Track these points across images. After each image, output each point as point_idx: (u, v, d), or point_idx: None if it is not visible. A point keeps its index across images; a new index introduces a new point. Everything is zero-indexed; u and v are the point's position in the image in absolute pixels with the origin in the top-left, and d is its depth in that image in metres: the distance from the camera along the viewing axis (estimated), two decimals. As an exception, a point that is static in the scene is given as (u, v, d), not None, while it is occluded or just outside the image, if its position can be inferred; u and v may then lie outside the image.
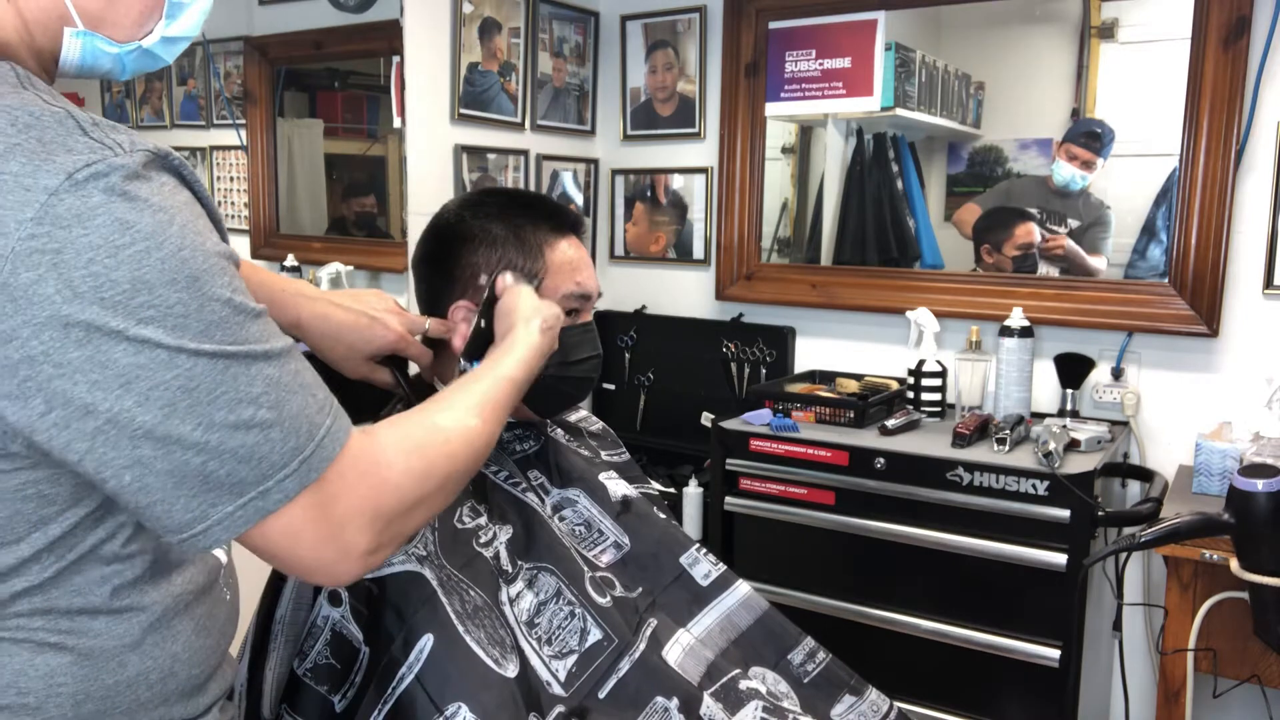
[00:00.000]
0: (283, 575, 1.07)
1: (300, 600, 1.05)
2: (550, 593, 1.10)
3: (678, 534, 1.30)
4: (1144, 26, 2.41)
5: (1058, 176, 2.47)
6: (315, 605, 1.04)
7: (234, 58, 2.42)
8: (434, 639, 0.99)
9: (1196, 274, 2.22)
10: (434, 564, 1.03)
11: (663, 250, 2.98)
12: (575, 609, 1.10)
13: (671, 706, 1.07)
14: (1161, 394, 2.34)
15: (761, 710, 1.14)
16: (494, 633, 1.03)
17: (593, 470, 1.29)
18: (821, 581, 2.22)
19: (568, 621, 1.09)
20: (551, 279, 1.20)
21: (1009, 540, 1.99)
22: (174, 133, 2.44)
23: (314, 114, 2.65)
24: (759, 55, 2.74)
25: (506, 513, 1.14)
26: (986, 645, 2.03)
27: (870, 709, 1.26)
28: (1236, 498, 1.51)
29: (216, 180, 2.47)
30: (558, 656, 1.07)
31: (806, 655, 1.28)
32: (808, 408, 2.35)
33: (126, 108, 2.41)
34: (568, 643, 1.08)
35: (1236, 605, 1.75)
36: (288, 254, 2.51)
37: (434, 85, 2.50)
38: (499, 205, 1.23)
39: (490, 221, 1.20)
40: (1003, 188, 2.61)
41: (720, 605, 1.26)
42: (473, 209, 1.23)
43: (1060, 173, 2.46)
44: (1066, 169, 2.45)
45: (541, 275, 1.19)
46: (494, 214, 1.21)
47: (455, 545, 1.07)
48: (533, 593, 1.09)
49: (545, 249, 1.20)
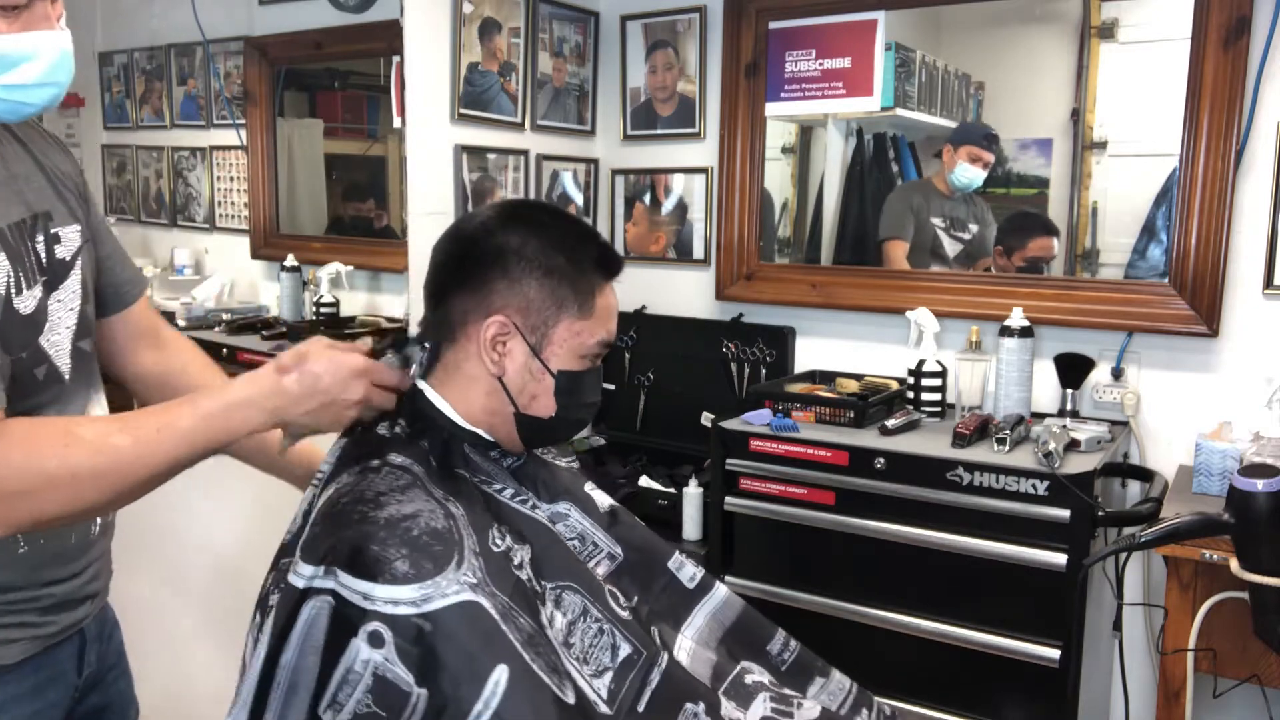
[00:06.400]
0: (291, 620, 0.98)
1: (309, 645, 0.96)
2: (577, 611, 1.09)
3: (658, 539, 1.30)
4: (1144, 26, 2.41)
5: (958, 179, 2.47)
6: (346, 650, 0.94)
7: (234, 58, 2.42)
8: (508, 671, 0.94)
9: (1196, 274, 2.22)
10: (487, 591, 0.99)
11: (663, 250, 2.98)
12: (603, 625, 1.08)
13: (699, 711, 1.08)
14: (1161, 394, 2.34)
15: (769, 700, 1.16)
16: (549, 659, 1.00)
17: (576, 482, 1.27)
18: (821, 581, 2.22)
19: (598, 639, 1.07)
20: (591, 324, 1.15)
21: (1009, 540, 1.99)
22: (174, 133, 2.45)
23: (314, 114, 2.65)
24: (759, 55, 2.74)
25: (523, 532, 1.12)
26: (986, 645, 2.03)
27: (836, 688, 1.29)
28: (1236, 498, 1.51)
29: (217, 180, 2.47)
30: (596, 675, 1.05)
31: (782, 645, 1.29)
32: (808, 408, 2.35)
33: (126, 108, 2.41)
34: (601, 660, 1.07)
35: (1236, 605, 1.75)
36: (288, 254, 2.51)
37: (434, 85, 2.50)
38: (561, 232, 1.16)
39: (554, 252, 1.13)
40: (901, 193, 2.62)
41: (707, 605, 1.25)
42: (537, 231, 1.15)
43: (962, 175, 2.46)
44: (970, 170, 2.45)
45: (588, 317, 1.15)
46: (556, 241, 1.14)
47: (499, 571, 1.03)
48: (561, 613, 1.07)
49: (596, 293, 1.16)
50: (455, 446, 1.14)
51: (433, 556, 0.97)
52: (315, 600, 0.96)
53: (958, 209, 2.51)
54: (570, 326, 1.14)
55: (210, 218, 2.48)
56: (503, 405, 1.15)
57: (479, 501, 1.09)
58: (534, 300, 1.12)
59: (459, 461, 1.13)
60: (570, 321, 1.14)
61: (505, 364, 1.13)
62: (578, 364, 1.16)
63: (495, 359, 1.13)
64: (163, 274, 2.49)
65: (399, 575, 0.94)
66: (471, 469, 1.13)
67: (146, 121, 2.42)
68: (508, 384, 1.14)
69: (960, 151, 2.45)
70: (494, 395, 1.14)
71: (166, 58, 2.41)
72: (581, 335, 1.15)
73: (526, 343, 1.13)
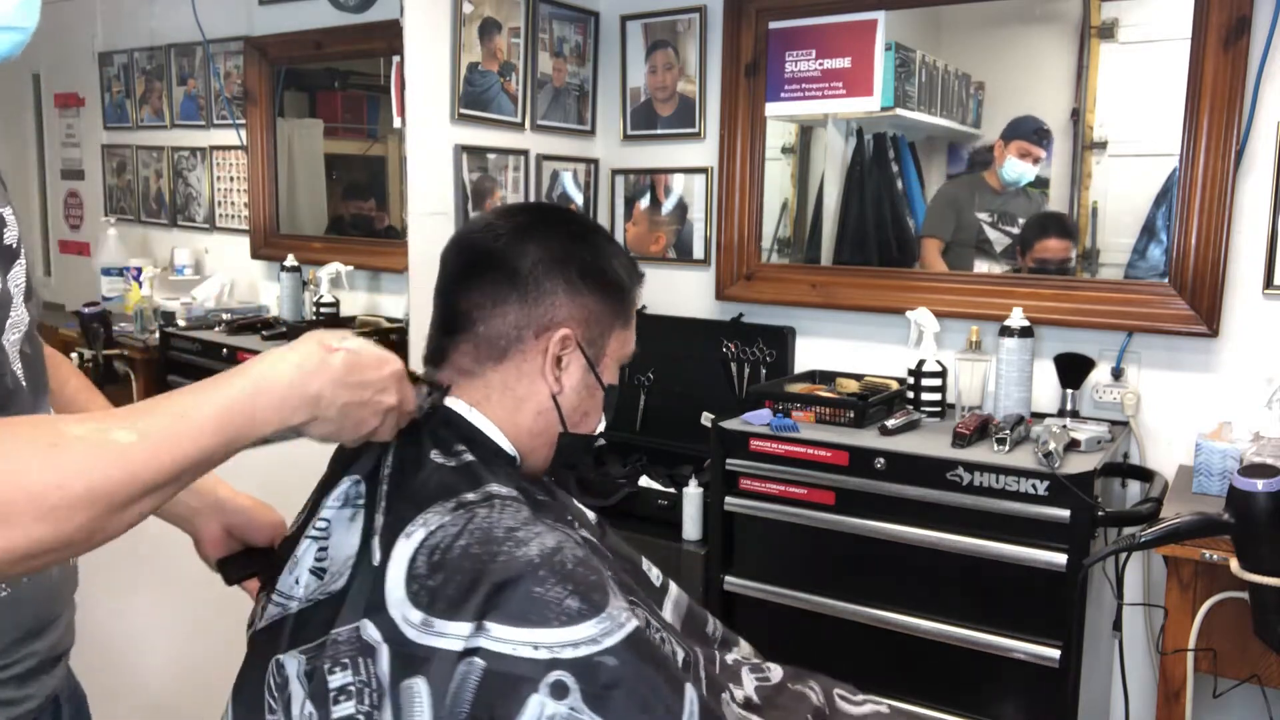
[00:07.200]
0: (443, 688, 0.85)
1: (456, 714, 0.84)
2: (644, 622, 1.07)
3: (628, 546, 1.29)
4: (1144, 26, 2.41)
5: (1008, 174, 2.47)
6: (523, 713, 0.83)
7: (234, 58, 2.42)
8: (692, 688, 0.90)
9: (1196, 274, 2.22)
10: (636, 612, 0.93)
11: (663, 250, 2.98)
12: (663, 634, 1.04)
13: (727, 699, 1.08)
14: (1161, 394, 2.34)
15: (750, 672, 1.18)
16: (695, 675, 0.98)
17: (568, 495, 1.24)
18: (821, 581, 2.21)
19: (662, 647, 1.02)
20: (629, 333, 1.11)
21: (1009, 540, 1.99)
22: (174, 132, 2.44)
23: (314, 114, 2.65)
24: (759, 55, 2.74)
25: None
26: (986, 645, 2.03)
27: (749, 650, 1.29)
28: (1236, 498, 1.51)
29: (217, 180, 2.47)
30: None
31: (714, 624, 1.29)
32: (808, 408, 2.35)
33: (126, 107, 2.41)
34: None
35: (1236, 605, 1.75)
36: (288, 254, 2.51)
37: (434, 85, 2.50)
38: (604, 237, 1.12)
39: (607, 258, 1.08)
40: (946, 190, 2.62)
41: (669, 600, 1.24)
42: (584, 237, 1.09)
43: (1011, 170, 2.46)
44: (1018, 165, 2.45)
45: (629, 326, 1.11)
46: (603, 248, 1.09)
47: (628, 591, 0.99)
48: None
49: (635, 300, 1.12)
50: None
51: (598, 587, 0.89)
52: (463, 664, 0.85)
53: (1008, 204, 2.51)
54: (619, 337, 1.10)
55: (210, 218, 2.48)
56: (549, 426, 1.06)
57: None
58: (594, 311, 1.06)
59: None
60: (619, 332, 1.10)
61: (564, 381, 1.05)
62: (616, 375, 1.11)
63: (556, 376, 1.04)
64: (163, 274, 2.48)
65: (573, 614, 0.85)
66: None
67: (146, 121, 2.42)
68: (562, 402, 1.06)
69: (1011, 147, 2.46)
70: (544, 415, 1.06)
71: (166, 58, 2.40)
72: (625, 345, 1.11)
73: (585, 356, 1.06)
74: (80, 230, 2.39)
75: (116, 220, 2.44)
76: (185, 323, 2.41)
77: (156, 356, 2.34)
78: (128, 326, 2.32)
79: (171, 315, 2.38)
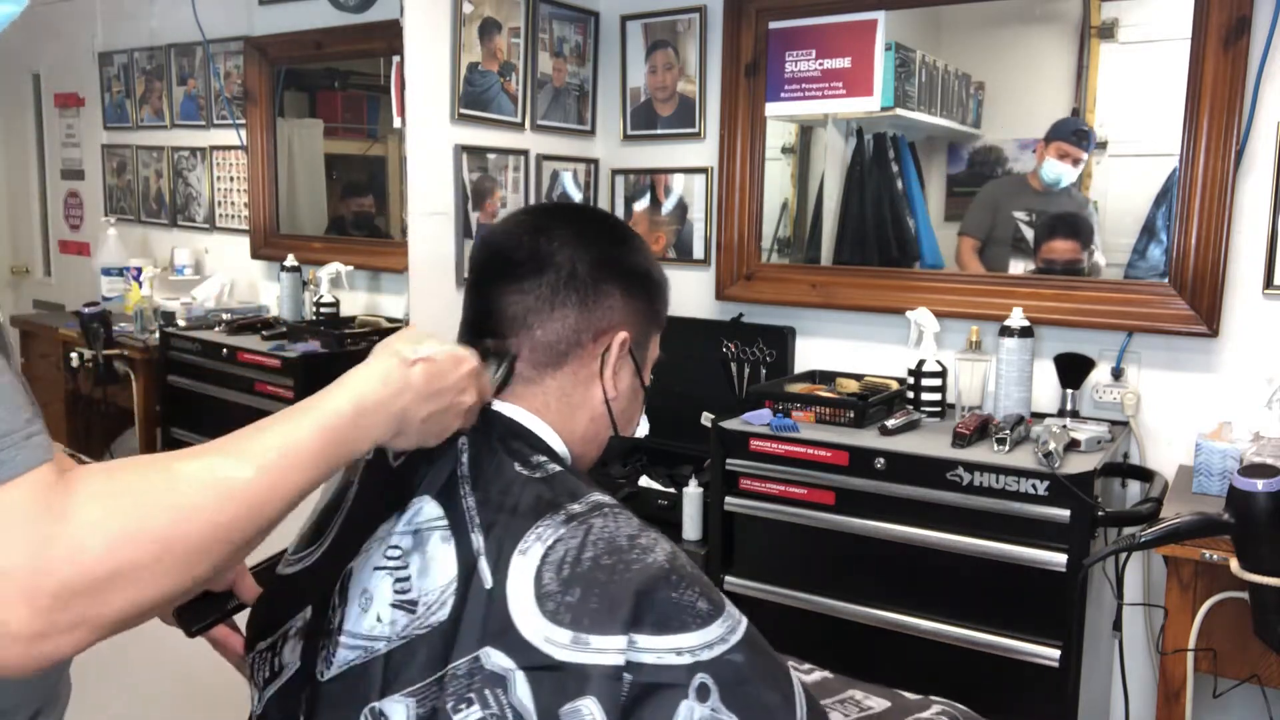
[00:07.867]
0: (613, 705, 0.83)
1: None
2: None
3: None
4: (1144, 26, 2.41)
5: (1047, 175, 2.47)
6: (676, 711, 0.83)
7: (234, 58, 2.42)
8: (795, 673, 0.92)
9: (1196, 274, 2.22)
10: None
11: (663, 250, 2.98)
12: None
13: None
14: (1161, 394, 2.34)
15: None
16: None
17: None
18: (821, 581, 2.21)
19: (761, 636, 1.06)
20: (657, 340, 1.12)
21: (1009, 540, 1.99)
22: (174, 132, 2.44)
23: (314, 114, 2.65)
24: (759, 55, 2.74)
25: None
26: (986, 645, 2.03)
27: None
28: (1236, 498, 1.51)
29: (217, 180, 2.46)
30: None
31: None
32: (808, 408, 2.35)
33: (126, 107, 2.41)
34: None
35: (1236, 605, 1.75)
36: (288, 254, 2.51)
37: (434, 85, 2.50)
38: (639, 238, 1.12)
39: (651, 259, 1.09)
40: (988, 190, 2.62)
41: None
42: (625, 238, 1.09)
43: (1051, 171, 2.46)
44: (1057, 166, 2.45)
45: (663, 327, 1.11)
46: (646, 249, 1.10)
47: None
48: None
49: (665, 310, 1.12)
50: None
51: (713, 587, 0.90)
52: (624, 678, 0.83)
53: (1050, 203, 2.50)
54: (655, 340, 1.10)
55: (210, 218, 2.48)
56: (601, 430, 1.07)
57: None
58: (644, 314, 1.06)
59: None
60: (656, 334, 1.10)
61: (618, 384, 1.05)
62: (649, 378, 1.11)
63: (613, 380, 1.04)
64: (163, 274, 2.48)
65: (705, 615, 0.86)
66: None
67: (146, 121, 2.42)
68: (614, 406, 1.06)
69: (1051, 148, 2.45)
70: (596, 421, 1.05)
71: (166, 58, 2.40)
72: (657, 348, 1.12)
73: (634, 360, 1.06)
74: (80, 230, 2.39)
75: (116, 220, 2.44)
76: (185, 323, 2.41)
77: (156, 356, 2.34)
78: (128, 326, 2.33)
79: (171, 315, 2.38)
